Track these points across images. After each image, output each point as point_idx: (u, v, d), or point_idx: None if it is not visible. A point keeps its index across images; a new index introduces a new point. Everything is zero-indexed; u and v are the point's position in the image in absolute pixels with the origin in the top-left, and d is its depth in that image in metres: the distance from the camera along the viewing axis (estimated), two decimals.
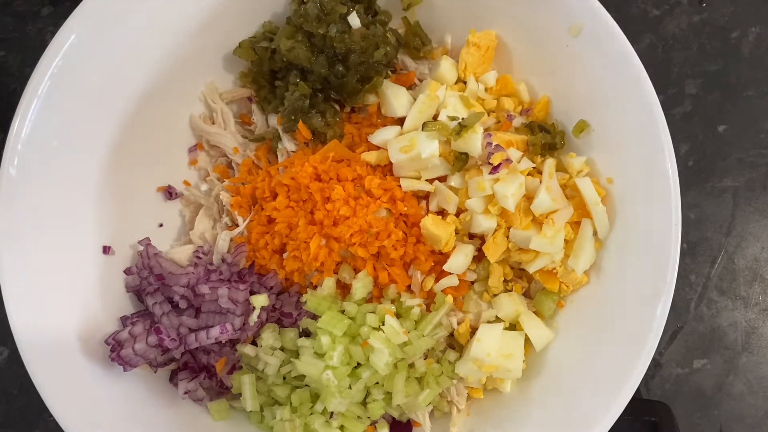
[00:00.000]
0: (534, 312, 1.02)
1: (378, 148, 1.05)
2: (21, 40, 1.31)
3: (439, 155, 0.99)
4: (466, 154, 0.99)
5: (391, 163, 1.03)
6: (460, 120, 0.98)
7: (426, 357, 1.01)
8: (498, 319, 1.02)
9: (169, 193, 1.14)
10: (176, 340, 0.98)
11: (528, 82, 1.08)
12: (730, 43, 1.27)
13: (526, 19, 1.02)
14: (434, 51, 1.13)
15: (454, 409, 1.02)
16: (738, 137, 1.24)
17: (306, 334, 1.02)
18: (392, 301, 1.02)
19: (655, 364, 1.18)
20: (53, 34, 0.96)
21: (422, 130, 1.00)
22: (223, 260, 1.07)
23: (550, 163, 1.00)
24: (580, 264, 0.97)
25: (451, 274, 1.01)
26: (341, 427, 0.98)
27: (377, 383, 0.98)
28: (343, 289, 1.04)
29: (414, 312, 0.99)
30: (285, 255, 1.03)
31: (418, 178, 1.03)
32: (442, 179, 1.03)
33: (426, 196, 1.05)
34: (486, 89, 1.08)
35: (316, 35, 1.02)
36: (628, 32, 0.92)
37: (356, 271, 1.03)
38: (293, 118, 1.06)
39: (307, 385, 1.01)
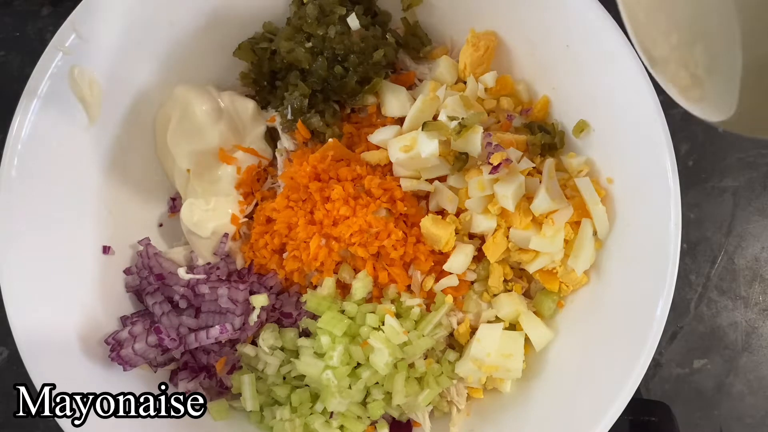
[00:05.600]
0: (534, 312, 1.02)
1: (378, 147, 1.05)
2: (21, 40, 1.30)
3: (439, 155, 0.99)
4: (466, 154, 0.99)
5: (390, 163, 1.03)
6: (460, 120, 0.98)
7: (426, 357, 1.01)
8: (498, 319, 1.02)
9: (173, 206, 1.14)
10: (176, 339, 0.98)
11: (528, 82, 1.08)
12: None
13: (526, 19, 1.01)
14: (434, 51, 1.13)
15: (454, 409, 1.02)
16: (738, 137, 1.23)
17: (306, 334, 1.02)
18: (392, 301, 1.02)
19: (655, 364, 1.18)
20: (53, 34, 0.96)
21: (422, 130, 1.00)
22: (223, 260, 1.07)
23: (549, 163, 1.00)
24: (580, 264, 0.96)
25: (451, 274, 1.01)
26: (341, 427, 0.98)
27: (377, 383, 0.98)
28: (343, 289, 1.04)
29: (414, 312, 0.99)
30: (285, 255, 1.03)
31: (418, 178, 1.03)
32: (442, 179, 1.03)
33: (426, 196, 1.05)
34: (486, 89, 1.08)
35: (316, 36, 1.02)
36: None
37: (356, 271, 1.03)
38: (292, 117, 1.06)
39: (307, 385, 1.01)
